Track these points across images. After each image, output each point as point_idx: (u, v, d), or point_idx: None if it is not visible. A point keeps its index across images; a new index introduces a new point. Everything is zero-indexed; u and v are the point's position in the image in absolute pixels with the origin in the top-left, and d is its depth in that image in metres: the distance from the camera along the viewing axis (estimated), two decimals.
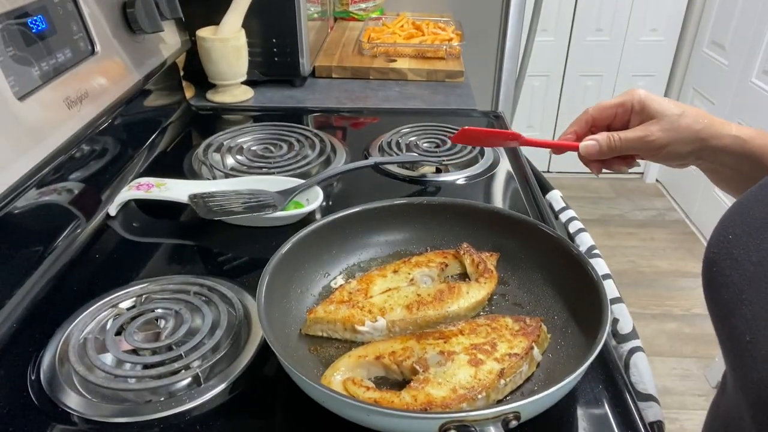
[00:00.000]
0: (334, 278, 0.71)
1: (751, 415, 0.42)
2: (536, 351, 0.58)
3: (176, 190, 0.85)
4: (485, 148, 1.04)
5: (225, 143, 1.03)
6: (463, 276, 0.71)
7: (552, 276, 0.67)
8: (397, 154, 1.02)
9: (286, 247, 0.65)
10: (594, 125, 0.65)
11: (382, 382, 0.58)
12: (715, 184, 0.68)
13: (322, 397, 0.50)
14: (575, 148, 0.65)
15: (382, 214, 0.74)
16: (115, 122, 0.93)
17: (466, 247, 0.71)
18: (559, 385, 0.47)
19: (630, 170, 0.68)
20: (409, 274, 0.68)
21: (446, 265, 0.70)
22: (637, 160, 0.67)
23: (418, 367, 0.55)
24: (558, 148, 0.67)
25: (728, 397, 0.53)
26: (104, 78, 0.89)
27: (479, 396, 0.52)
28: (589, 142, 0.63)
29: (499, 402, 0.54)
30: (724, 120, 0.61)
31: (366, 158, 1.01)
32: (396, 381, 0.57)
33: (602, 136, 0.63)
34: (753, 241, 0.45)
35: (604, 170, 0.68)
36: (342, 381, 0.55)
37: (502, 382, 0.54)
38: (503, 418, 0.45)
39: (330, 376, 0.56)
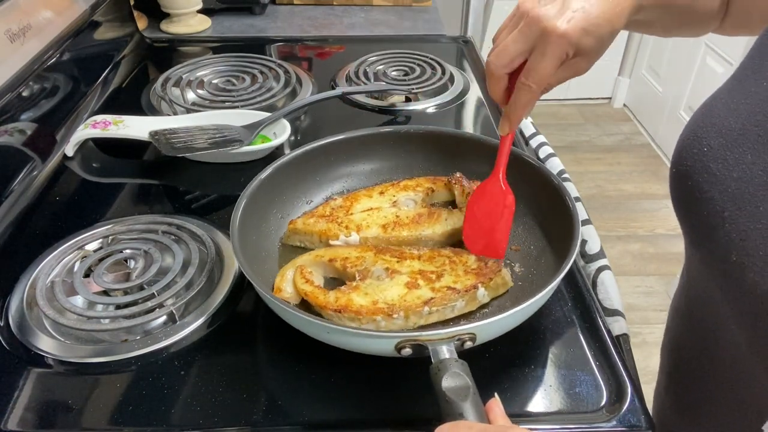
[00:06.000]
0: (317, 206, 0.70)
1: (750, 323, 0.42)
2: (481, 291, 0.57)
3: (135, 127, 0.82)
4: (454, 75, 1.02)
5: (184, 77, 0.98)
6: (449, 204, 0.71)
7: (534, 208, 0.66)
8: (365, 84, 0.99)
9: (268, 171, 0.64)
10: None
11: (337, 283, 0.60)
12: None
13: (280, 312, 0.51)
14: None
15: (368, 142, 0.72)
16: (64, 57, 0.87)
17: (458, 177, 0.70)
18: (513, 311, 0.48)
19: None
20: (394, 196, 0.68)
21: (432, 191, 0.70)
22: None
23: (357, 275, 0.58)
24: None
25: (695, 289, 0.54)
26: (47, 9, 0.83)
27: (395, 315, 0.53)
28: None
29: (450, 323, 0.55)
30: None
31: (333, 89, 0.98)
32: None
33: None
34: (732, 155, 0.43)
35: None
36: (295, 268, 0.59)
37: (426, 309, 0.54)
38: (457, 338, 0.46)
39: (287, 269, 0.59)
